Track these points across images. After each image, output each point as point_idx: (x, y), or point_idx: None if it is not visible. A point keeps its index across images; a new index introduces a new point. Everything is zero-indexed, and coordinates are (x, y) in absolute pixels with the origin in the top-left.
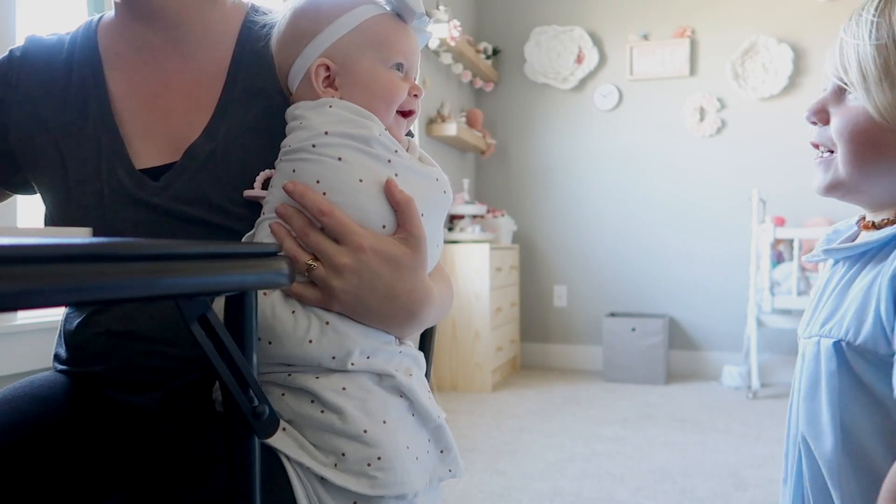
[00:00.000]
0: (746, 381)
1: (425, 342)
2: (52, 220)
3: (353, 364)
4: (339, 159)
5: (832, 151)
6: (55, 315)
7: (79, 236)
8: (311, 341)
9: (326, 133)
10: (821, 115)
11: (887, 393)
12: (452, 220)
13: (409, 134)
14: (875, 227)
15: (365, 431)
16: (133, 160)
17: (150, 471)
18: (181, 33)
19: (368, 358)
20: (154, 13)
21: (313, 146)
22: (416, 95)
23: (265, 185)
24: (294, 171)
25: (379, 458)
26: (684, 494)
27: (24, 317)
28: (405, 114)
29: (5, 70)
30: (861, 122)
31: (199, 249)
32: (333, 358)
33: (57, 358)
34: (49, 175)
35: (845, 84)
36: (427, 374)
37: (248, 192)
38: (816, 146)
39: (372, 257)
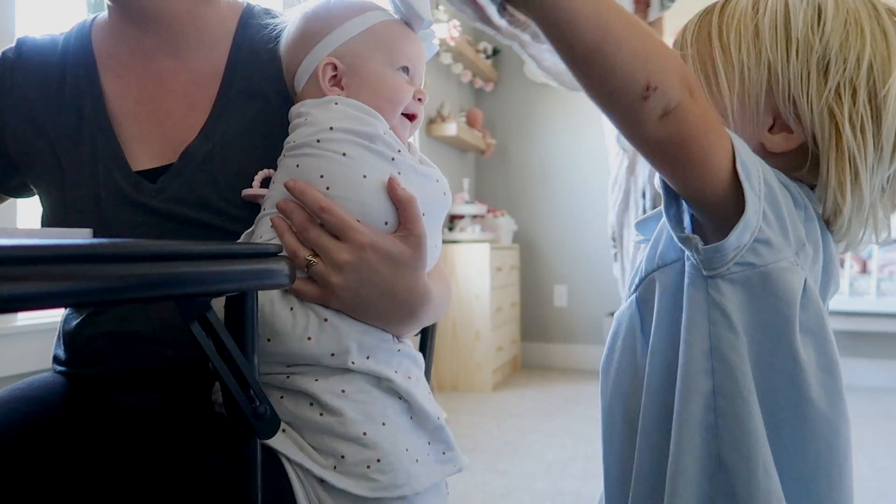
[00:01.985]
0: None
1: (425, 342)
2: (49, 222)
3: (353, 363)
4: (344, 154)
5: None
6: (55, 316)
7: (79, 237)
8: (309, 338)
9: (331, 129)
10: None
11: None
12: (452, 220)
13: None
14: None
15: (364, 434)
16: (129, 162)
17: (149, 472)
18: (175, 35)
19: (368, 358)
20: (146, 16)
21: (318, 141)
22: (419, 100)
23: (264, 185)
24: (298, 166)
25: (378, 461)
26: None
27: (24, 318)
28: (409, 117)
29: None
30: None
31: (200, 249)
32: (332, 355)
33: (56, 359)
34: (45, 178)
35: None
36: (427, 375)
37: (246, 191)
38: None
39: (372, 254)
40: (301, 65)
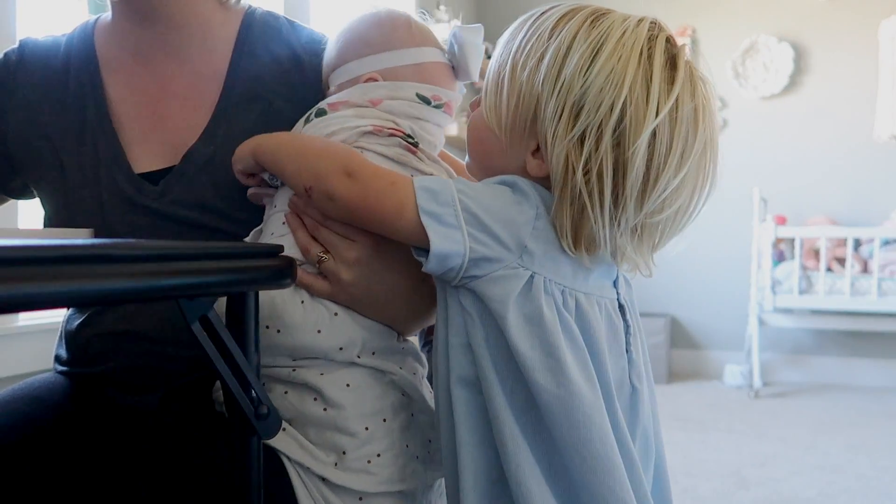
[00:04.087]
0: (748, 379)
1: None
2: (51, 224)
3: (359, 356)
4: None
5: None
6: (56, 316)
7: (80, 237)
8: (319, 331)
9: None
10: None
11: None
12: None
13: None
14: None
15: (366, 429)
16: (132, 165)
17: (150, 472)
18: (178, 36)
19: (374, 354)
20: (152, 15)
21: None
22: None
23: (262, 185)
24: None
25: (379, 455)
26: (686, 494)
27: (26, 318)
28: None
29: (2, 74)
30: (478, 117)
31: (200, 249)
32: (341, 349)
33: (58, 359)
34: (47, 180)
35: None
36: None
37: (251, 191)
38: None
39: (381, 253)
40: (346, 64)
